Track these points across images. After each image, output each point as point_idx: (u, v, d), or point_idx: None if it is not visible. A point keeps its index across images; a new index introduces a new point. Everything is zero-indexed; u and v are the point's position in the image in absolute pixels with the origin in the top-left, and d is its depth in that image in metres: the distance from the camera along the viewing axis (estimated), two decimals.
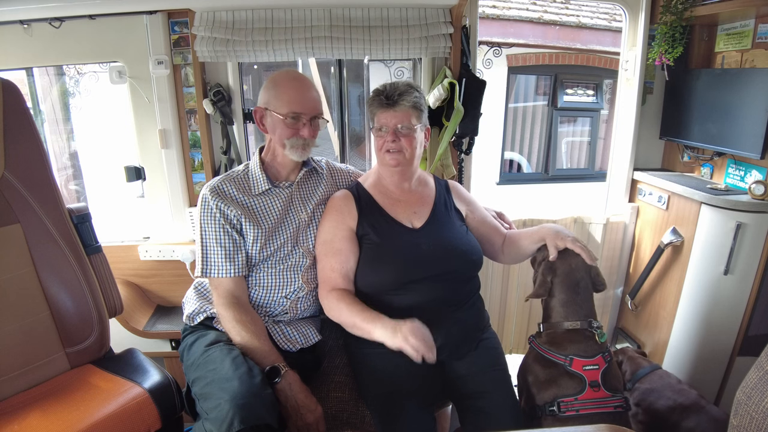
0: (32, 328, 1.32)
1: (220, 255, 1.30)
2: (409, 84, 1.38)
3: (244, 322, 1.25)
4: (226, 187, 1.34)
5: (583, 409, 1.23)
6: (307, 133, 1.34)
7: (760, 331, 1.74)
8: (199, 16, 1.74)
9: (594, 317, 1.34)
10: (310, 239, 1.41)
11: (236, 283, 1.31)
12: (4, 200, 1.32)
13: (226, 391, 1.06)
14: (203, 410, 1.11)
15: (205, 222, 1.31)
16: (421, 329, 1.15)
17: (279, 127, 1.33)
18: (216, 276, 1.30)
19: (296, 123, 1.33)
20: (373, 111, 1.38)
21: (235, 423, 1.00)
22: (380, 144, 1.37)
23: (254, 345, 1.23)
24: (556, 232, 1.37)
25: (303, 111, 1.32)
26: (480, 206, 1.55)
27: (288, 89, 1.33)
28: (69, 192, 2.69)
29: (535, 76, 5.50)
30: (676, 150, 2.14)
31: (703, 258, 1.78)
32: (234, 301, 1.29)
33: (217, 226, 1.30)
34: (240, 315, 1.26)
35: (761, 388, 0.93)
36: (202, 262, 1.31)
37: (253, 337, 1.23)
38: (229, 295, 1.29)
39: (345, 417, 1.29)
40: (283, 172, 1.42)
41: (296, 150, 1.35)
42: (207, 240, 1.31)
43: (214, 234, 1.31)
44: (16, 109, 1.34)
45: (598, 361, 1.28)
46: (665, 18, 1.90)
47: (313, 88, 1.37)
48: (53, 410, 1.18)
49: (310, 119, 1.34)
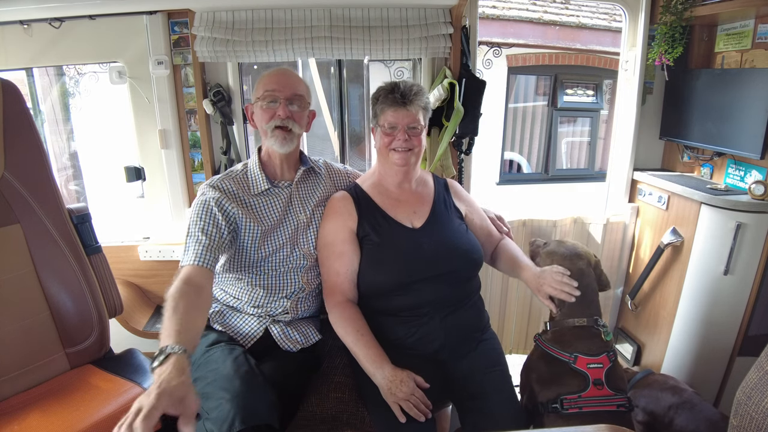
0: (32, 328, 1.32)
1: (203, 244, 1.22)
2: (420, 86, 1.37)
3: (182, 292, 1.09)
4: (226, 185, 1.33)
5: (586, 406, 1.23)
6: (282, 112, 1.30)
7: (760, 331, 1.74)
8: (199, 16, 1.74)
9: (600, 316, 1.35)
10: (310, 241, 1.40)
11: (202, 272, 1.19)
12: (4, 200, 1.31)
13: (228, 391, 1.06)
14: (204, 410, 1.11)
15: (197, 214, 1.28)
16: (416, 393, 1.18)
17: (257, 113, 1.33)
18: (189, 263, 1.19)
19: (273, 105, 1.31)
20: (384, 108, 1.35)
21: (236, 423, 1.00)
22: (388, 142, 1.35)
23: (166, 315, 1.04)
24: (537, 281, 1.34)
25: (276, 89, 1.30)
26: (478, 207, 1.55)
27: (267, 75, 1.34)
28: (69, 192, 2.70)
29: (535, 76, 5.50)
30: (676, 150, 2.14)
31: (703, 258, 1.78)
32: (186, 279, 1.13)
33: (208, 218, 1.26)
34: (183, 286, 1.11)
35: (761, 388, 0.93)
36: (184, 252, 1.24)
37: (172, 311, 1.04)
38: (185, 276, 1.15)
39: (345, 417, 1.28)
40: (280, 171, 1.40)
41: (276, 137, 1.32)
42: (193, 229, 1.26)
43: (203, 223, 1.25)
44: (16, 110, 1.34)
45: (603, 360, 1.28)
46: (665, 18, 1.90)
47: (295, 76, 1.36)
48: (53, 410, 1.18)
49: (287, 100, 1.31)
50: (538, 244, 1.53)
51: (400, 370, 1.21)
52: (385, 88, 1.36)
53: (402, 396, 1.17)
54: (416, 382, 1.20)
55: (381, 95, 1.36)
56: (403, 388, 1.18)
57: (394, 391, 1.18)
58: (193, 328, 1.03)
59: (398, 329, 1.33)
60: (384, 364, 1.23)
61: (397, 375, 1.20)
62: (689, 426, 1.44)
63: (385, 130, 1.35)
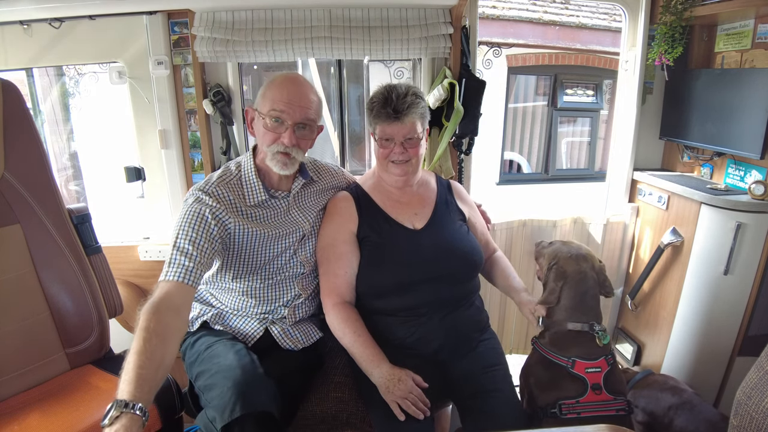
0: (32, 328, 1.32)
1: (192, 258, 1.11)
2: (415, 93, 1.31)
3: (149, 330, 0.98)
4: (222, 192, 1.22)
5: (584, 411, 1.23)
6: (288, 140, 1.19)
7: (760, 331, 1.74)
8: (199, 16, 1.74)
9: (599, 321, 1.33)
10: (308, 248, 1.37)
11: (184, 291, 1.09)
12: (4, 200, 1.31)
13: (230, 379, 1.07)
14: (207, 400, 1.11)
15: (189, 223, 1.15)
16: (413, 391, 1.18)
17: (259, 129, 1.22)
18: (173, 278, 1.08)
19: (279, 127, 1.19)
20: (377, 122, 1.31)
21: (237, 409, 1.00)
22: (385, 154, 1.33)
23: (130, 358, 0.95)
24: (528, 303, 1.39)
25: (285, 110, 1.18)
26: (478, 215, 1.56)
27: (277, 87, 1.20)
28: (69, 192, 2.70)
29: (535, 76, 5.51)
30: (676, 150, 2.14)
31: (703, 258, 1.78)
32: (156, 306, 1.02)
33: (201, 228, 1.15)
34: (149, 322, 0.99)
35: (761, 388, 0.93)
36: (169, 263, 1.11)
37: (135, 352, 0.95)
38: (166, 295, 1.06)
39: (345, 417, 1.28)
40: (277, 181, 1.31)
41: (277, 161, 1.22)
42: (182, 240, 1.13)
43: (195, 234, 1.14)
44: (16, 110, 1.34)
45: (601, 364, 1.27)
46: (665, 18, 1.90)
47: (308, 92, 1.23)
48: (53, 411, 1.18)
49: (295, 125, 1.21)
50: (544, 245, 1.49)
51: (398, 368, 1.22)
52: (378, 101, 1.29)
53: (400, 394, 1.17)
54: (414, 381, 1.21)
55: (375, 108, 1.30)
56: (400, 386, 1.18)
57: (392, 390, 1.18)
58: (161, 369, 0.95)
59: (398, 329, 1.33)
60: (382, 363, 1.23)
61: (395, 373, 1.20)
62: (689, 427, 1.44)
63: (381, 142, 1.33)
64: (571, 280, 1.33)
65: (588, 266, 1.34)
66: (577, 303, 1.31)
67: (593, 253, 1.40)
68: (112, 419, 0.84)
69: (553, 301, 1.34)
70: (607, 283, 1.36)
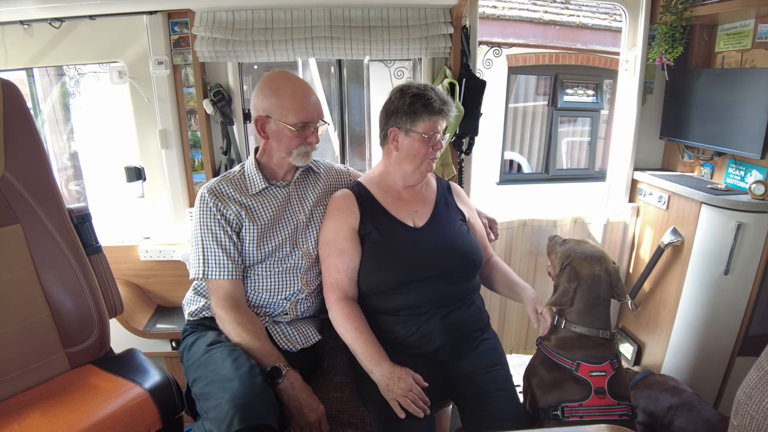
0: (32, 328, 1.32)
1: (220, 256, 1.29)
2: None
3: (244, 323, 1.25)
4: (224, 188, 1.34)
5: (587, 415, 1.22)
6: (316, 140, 1.35)
7: (760, 331, 1.74)
8: (199, 16, 1.74)
9: (608, 327, 1.30)
10: (309, 241, 1.40)
11: (235, 285, 1.31)
12: (4, 200, 1.31)
13: (227, 391, 1.06)
14: (203, 410, 1.11)
15: (205, 223, 1.31)
16: (414, 390, 1.18)
17: (286, 136, 1.32)
18: (216, 278, 1.29)
19: (305, 131, 1.33)
20: (422, 115, 1.31)
21: (235, 422, 1.00)
22: (425, 152, 1.34)
23: (255, 345, 1.23)
24: (534, 300, 1.38)
25: (311, 119, 1.32)
26: (476, 217, 1.55)
27: (292, 98, 1.30)
28: (69, 192, 2.70)
29: (535, 76, 5.50)
30: (676, 150, 2.14)
31: (703, 258, 1.78)
32: (233, 303, 1.28)
33: (218, 227, 1.30)
34: (240, 317, 1.26)
35: (761, 388, 0.93)
36: (202, 263, 1.29)
37: (254, 338, 1.23)
38: (228, 297, 1.29)
39: (345, 417, 1.28)
40: (280, 172, 1.41)
41: (302, 156, 1.36)
42: (206, 241, 1.30)
43: (214, 235, 1.30)
44: (16, 110, 1.34)
45: (606, 368, 1.26)
46: (665, 18, 1.90)
47: (313, 93, 1.36)
48: (53, 410, 1.18)
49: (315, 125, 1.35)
50: (557, 241, 1.45)
51: (399, 367, 1.22)
52: (421, 94, 1.31)
53: (400, 392, 1.17)
54: (415, 380, 1.21)
55: (416, 105, 1.31)
56: (401, 384, 1.18)
57: (392, 388, 1.18)
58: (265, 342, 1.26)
59: (398, 328, 1.33)
60: (382, 361, 1.23)
61: (396, 372, 1.20)
62: (688, 427, 1.44)
63: (424, 137, 1.33)
64: (584, 282, 1.29)
65: (602, 269, 1.30)
66: (589, 307, 1.29)
67: (608, 255, 1.36)
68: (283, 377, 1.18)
69: (566, 303, 1.30)
70: (619, 286, 1.33)
